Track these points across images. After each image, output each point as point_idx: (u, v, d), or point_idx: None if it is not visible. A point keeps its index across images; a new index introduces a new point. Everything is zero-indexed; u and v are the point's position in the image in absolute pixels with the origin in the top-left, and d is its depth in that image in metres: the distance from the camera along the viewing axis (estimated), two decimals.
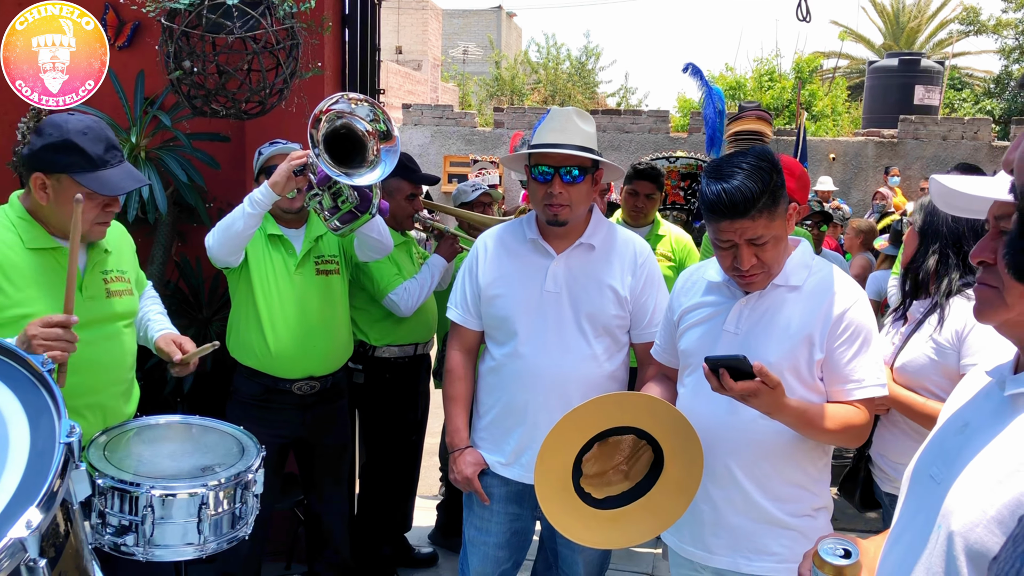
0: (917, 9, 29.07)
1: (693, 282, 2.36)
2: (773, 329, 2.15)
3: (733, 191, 2.02)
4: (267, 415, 3.29)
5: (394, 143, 2.97)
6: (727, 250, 2.11)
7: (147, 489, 2.17)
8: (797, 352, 2.13)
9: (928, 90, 16.27)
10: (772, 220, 2.07)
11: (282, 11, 3.23)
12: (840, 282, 2.20)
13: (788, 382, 2.09)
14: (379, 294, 3.66)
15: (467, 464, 2.68)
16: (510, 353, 2.63)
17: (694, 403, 2.23)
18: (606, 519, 2.16)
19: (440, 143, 16.16)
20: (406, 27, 27.48)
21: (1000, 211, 1.26)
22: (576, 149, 2.50)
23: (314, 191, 3.10)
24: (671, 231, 4.43)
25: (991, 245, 1.27)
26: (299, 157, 3.00)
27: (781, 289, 2.18)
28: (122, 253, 2.73)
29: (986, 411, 1.31)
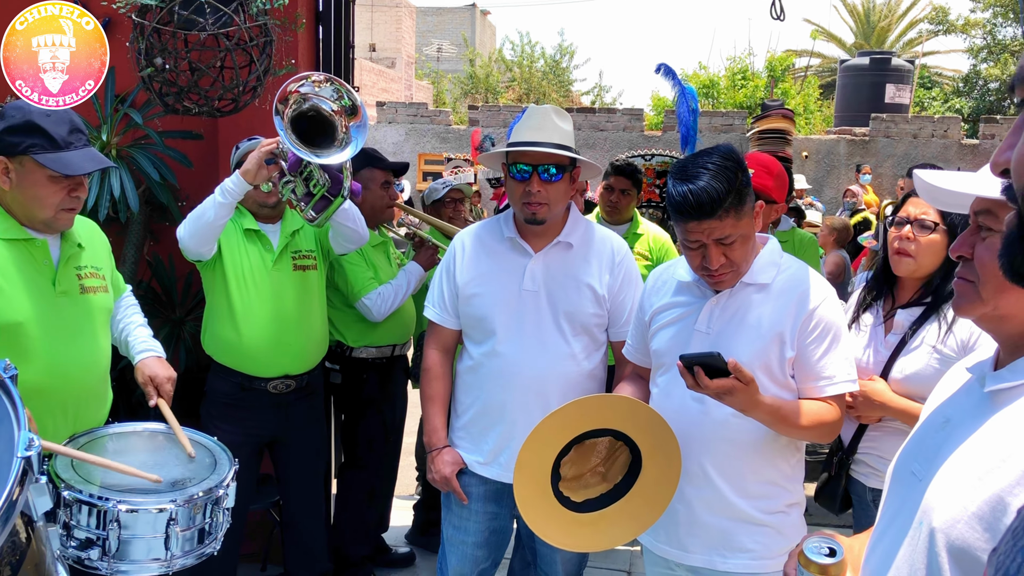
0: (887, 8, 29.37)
1: (663, 282, 2.37)
2: (744, 328, 2.17)
3: (699, 192, 2.03)
4: (242, 414, 3.26)
5: (360, 117, 2.93)
6: (696, 250, 2.12)
7: (114, 504, 2.09)
8: (768, 350, 2.15)
9: (899, 89, 16.44)
10: (739, 219, 2.08)
11: (255, 8, 3.19)
12: (809, 280, 2.22)
13: (760, 380, 2.09)
14: (352, 297, 3.64)
15: (445, 464, 2.67)
16: (488, 352, 2.62)
17: (667, 403, 2.24)
18: (586, 522, 2.16)
19: (415, 141, 16.11)
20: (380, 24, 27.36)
21: (980, 207, 1.28)
22: (554, 147, 2.50)
23: (286, 178, 3.07)
24: (649, 229, 4.43)
25: (970, 240, 1.29)
26: (269, 144, 2.97)
27: (750, 288, 2.19)
28: (96, 249, 2.69)
29: (967, 407, 1.32)
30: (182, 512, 2.16)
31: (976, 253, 1.28)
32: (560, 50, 27.88)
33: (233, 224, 3.23)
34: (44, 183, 2.38)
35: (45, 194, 2.40)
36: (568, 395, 2.57)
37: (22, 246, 2.44)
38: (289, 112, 2.85)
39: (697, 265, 2.15)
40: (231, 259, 3.21)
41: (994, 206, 1.25)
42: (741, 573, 2.19)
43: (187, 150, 3.71)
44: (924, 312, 2.48)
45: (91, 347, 2.56)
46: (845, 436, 2.64)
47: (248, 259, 3.24)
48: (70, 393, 2.48)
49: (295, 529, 3.52)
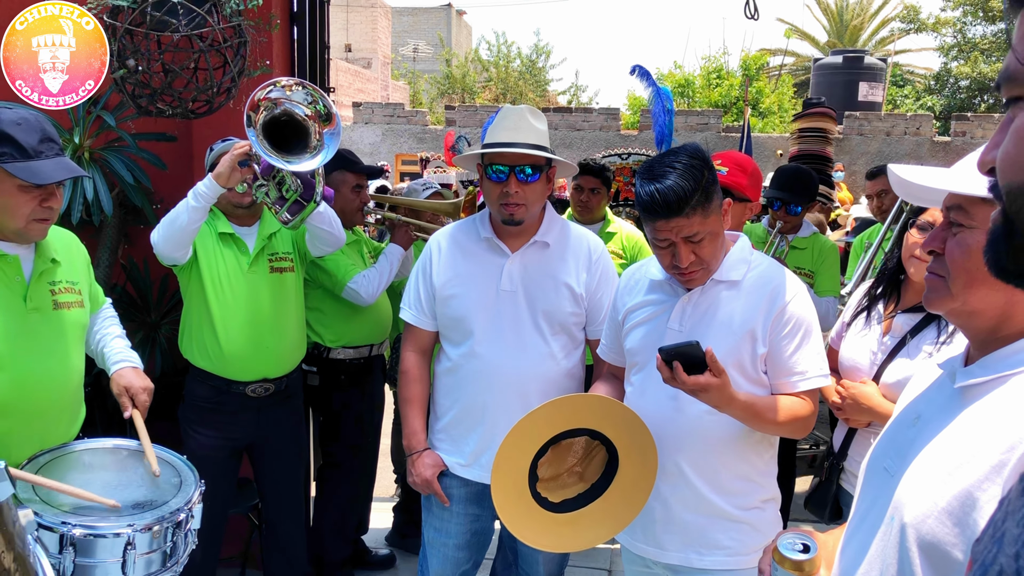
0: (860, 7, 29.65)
1: (636, 281, 2.38)
2: (716, 325, 2.18)
3: (666, 191, 2.05)
4: (220, 418, 3.24)
5: (335, 124, 2.91)
6: (665, 249, 2.14)
7: (69, 528, 2.03)
8: (741, 347, 2.16)
9: (872, 87, 16.61)
10: (707, 217, 2.10)
11: (229, 9, 3.17)
12: (779, 275, 2.24)
13: (733, 377, 2.10)
14: (338, 286, 3.62)
15: (426, 466, 2.66)
16: (467, 353, 2.62)
17: (641, 401, 2.24)
18: (564, 522, 2.16)
19: (391, 141, 16.08)
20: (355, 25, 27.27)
21: (952, 202, 1.30)
22: (530, 148, 2.50)
23: (260, 182, 3.04)
24: (622, 228, 4.44)
25: (941, 235, 1.31)
26: (242, 147, 2.95)
27: (721, 285, 2.21)
28: (73, 263, 2.63)
29: (937, 403, 1.33)
30: (140, 537, 2.09)
31: (947, 248, 1.29)
32: (536, 50, 27.96)
33: (208, 227, 3.20)
34: (14, 193, 2.31)
35: (15, 204, 2.33)
36: (548, 394, 2.58)
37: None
38: (261, 119, 2.83)
39: (668, 264, 2.16)
40: (207, 263, 3.19)
41: (965, 202, 1.27)
42: (718, 570, 2.21)
43: (161, 152, 3.68)
44: (925, 318, 2.44)
45: (62, 363, 2.50)
46: (836, 441, 2.62)
47: (224, 262, 3.21)
48: (37, 409, 2.41)
49: (274, 532, 3.51)
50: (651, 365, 2.25)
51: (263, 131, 2.82)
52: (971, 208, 1.26)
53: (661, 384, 2.20)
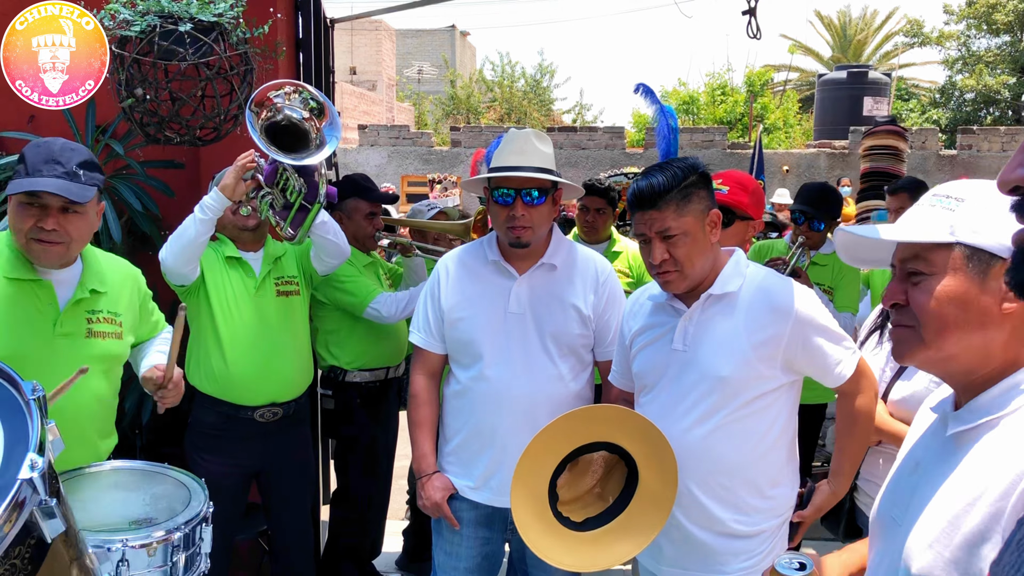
0: (863, 22, 29.76)
1: (640, 305, 2.41)
2: (719, 342, 2.19)
3: (644, 184, 2.16)
4: (228, 445, 3.24)
5: (329, 116, 2.96)
6: (644, 245, 2.21)
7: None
8: (749, 360, 2.17)
9: (876, 101, 16.64)
10: (681, 215, 2.14)
11: (235, 37, 3.20)
12: (779, 284, 2.26)
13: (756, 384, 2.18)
14: (359, 307, 3.63)
15: (436, 489, 2.66)
16: (476, 376, 2.62)
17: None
18: (587, 541, 2.15)
19: (397, 163, 16.15)
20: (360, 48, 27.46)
21: (908, 253, 1.31)
22: (536, 171, 2.51)
23: (264, 191, 3.07)
24: (628, 247, 4.44)
25: (901, 287, 1.31)
26: (245, 157, 2.98)
27: (718, 300, 2.22)
28: (120, 295, 2.63)
29: (934, 450, 1.34)
30: (133, 554, 2.04)
31: (912, 298, 1.29)
32: (540, 70, 28.09)
33: (214, 252, 3.23)
34: (15, 210, 2.38)
35: (15, 221, 2.39)
36: (556, 416, 2.58)
37: (27, 286, 2.43)
38: (262, 121, 2.87)
39: (647, 263, 2.22)
40: (214, 286, 3.20)
41: (922, 250, 1.28)
42: None
43: (169, 179, 3.71)
44: None
45: (86, 395, 2.48)
46: None
47: (231, 286, 3.23)
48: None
49: (284, 558, 3.49)
50: (659, 386, 2.27)
51: (265, 133, 2.86)
52: (929, 255, 1.28)
53: (667, 406, 2.22)
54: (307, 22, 4.12)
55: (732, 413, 2.18)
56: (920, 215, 1.32)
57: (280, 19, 3.65)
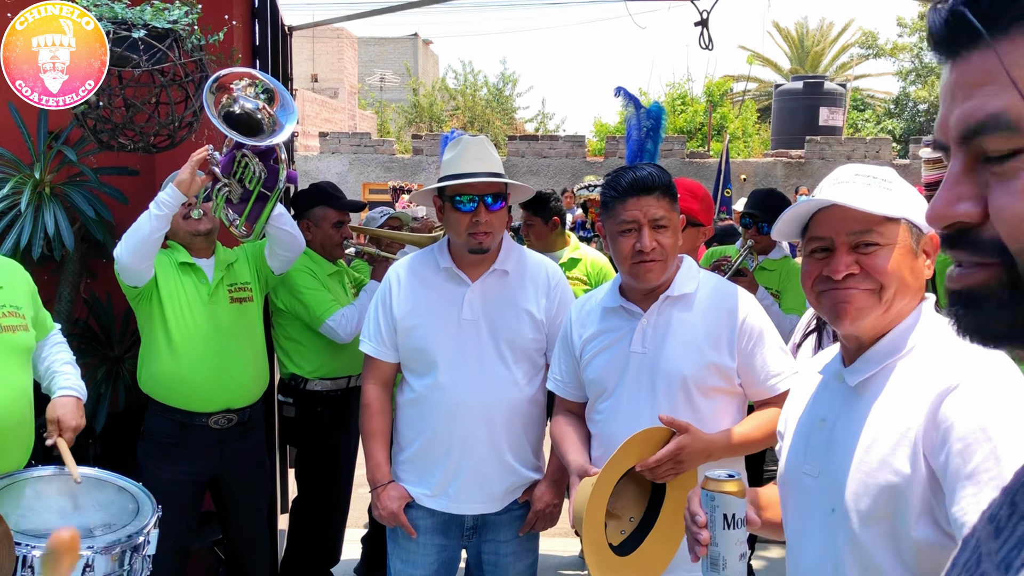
0: (820, 33, 30.23)
1: (587, 312, 2.43)
2: (679, 343, 2.24)
3: (644, 174, 2.22)
4: (182, 453, 3.21)
5: (280, 99, 3.01)
6: (630, 233, 2.22)
7: (28, 550, 2.03)
8: (709, 359, 2.23)
9: (832, 111, 16.92)
10: (671, 210, 2.24)
11: (190, 44, 3.20)
12: (731, 290, 2.34)
13: (714, 383, 2.23)
14: (316, 322, 3.62)
15: (391, 499, 2.66)
16: (431, 384, 2.62)
17: (613, 427, 2.28)
18: (629, 564, 2.11)
19: (359, 171, 16.09)
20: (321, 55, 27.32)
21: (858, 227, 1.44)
22: (495, 176, 2.55)
23: (221, 183, 3.07)
24: (587, 254, 4.45)
25: (851, 259, 1.44)
26: (201, 152, 2.98)
27: (676, 302, 2.28)
28: (16, 288, 2.64)
29: (836, 405, 1.48)
30: (99, 559, 2.09)
31: (870, 265, 1.43)
32: (503, 79, 28.16)
33: (167, 258, 3.21)
34: None
35: None
36: (513, 421, 2.61)
37: None
38: (219, 108, 2.90)
39: (629, 250, 2.21)
40: (167, 292, 3.18)
41: (876, 224, 1.43)
42: None
43: (123, 186, 3.68)
44: None
45: (7, 387, 2.49)
46: None
47: (184, 292, 3.21)
48: None
49: (239, 566, 3.48)
50: (619, 391, 2.30)
51: (224, 120, 2.89)
52: (882, 228, 1.43)
53: (631, 409, 2.25)
54: (264, 30, 4.12)
55: (696, 412, 2.23)
56: (866, 192, 1.45)
57: (236, 26, 3.65)
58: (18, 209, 3.42)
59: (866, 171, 1.52)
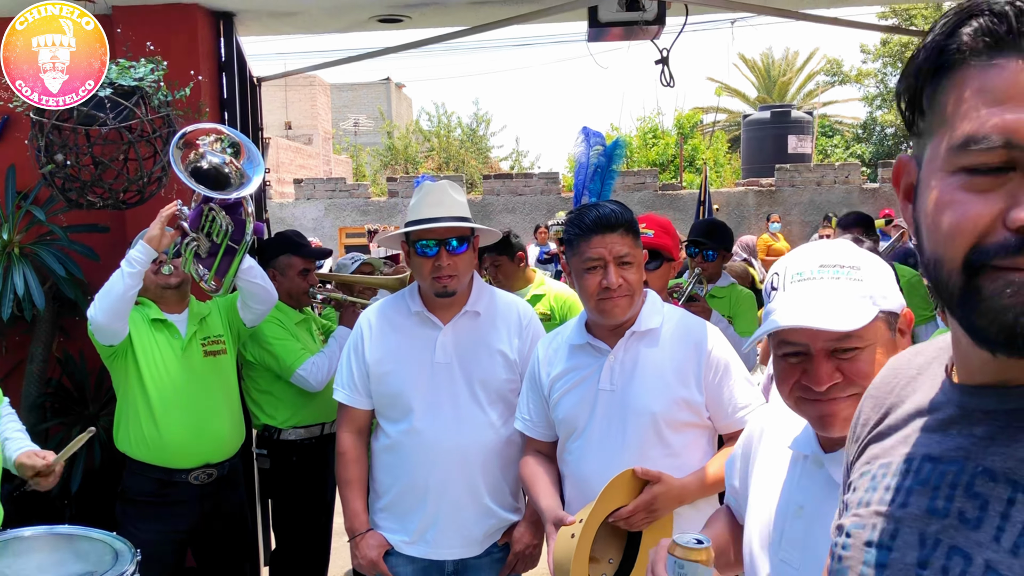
0: (786, 63, 30.69)
1: (555, 350, 2.43)
2: (647, 378, 2.26)
3: (607, 211, 2.24)
4: (162, 511, 3.17)
5: (246, 152, 3.05)
6: (595, 270, 2.23)
7: None
8: (677, 394, 2.25)
9: (800, 139, 17.13)
10: (635, 247, 2.27)
11: (156, 100, 3.23)
12: (695, 324, 2.37)
13: (683, 418, 2.24)
14: (286, 372, 3.60)
15: (371, 547, 2.65)
16: (407, 430, 2.61)
17: (584, 466, 2.29)
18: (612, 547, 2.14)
19: (335, 215, 16.11)
20: (294, 103, 27.44)
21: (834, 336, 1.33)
22: (456, 220, 2.56)
23: (189, 237, 3.08)
24: (551, 288, 4.43)
25: (831, 367, 1.35)
26: (170, 208, 2.99)
27: (642, 338, 2.30)
28: None
29: (814, 492, 1.41)
30: None
31: (852, 372, 1.34)
32: (476, 119, 28.35)
33: (139, 315, 3.19)
34: None
35: None
36: (490, 463, 2.60)
37: None
38: (186, 164, 2.93)
39: (595, 287, 2.23)
40: (142, 349, 3.17)
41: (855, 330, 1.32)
42: None
43: (93, 243, 3.68)
44: None
45: None
46: None
47: (158, 348, 3.20)
48: None
49: None
50: (588, 430, 2.30)
51: (191, 175, 2.91)
52: (860, 332, 1.33)
53: (602, 447, 2.25)
54: (232, 82, 4.16)
55: (667, 447, 2.24)
56: (838, 296, 1.35)
57: (203, 81, 3.68)
58: None
59: (832, 259, 1.39)
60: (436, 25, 4.69)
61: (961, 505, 0.76)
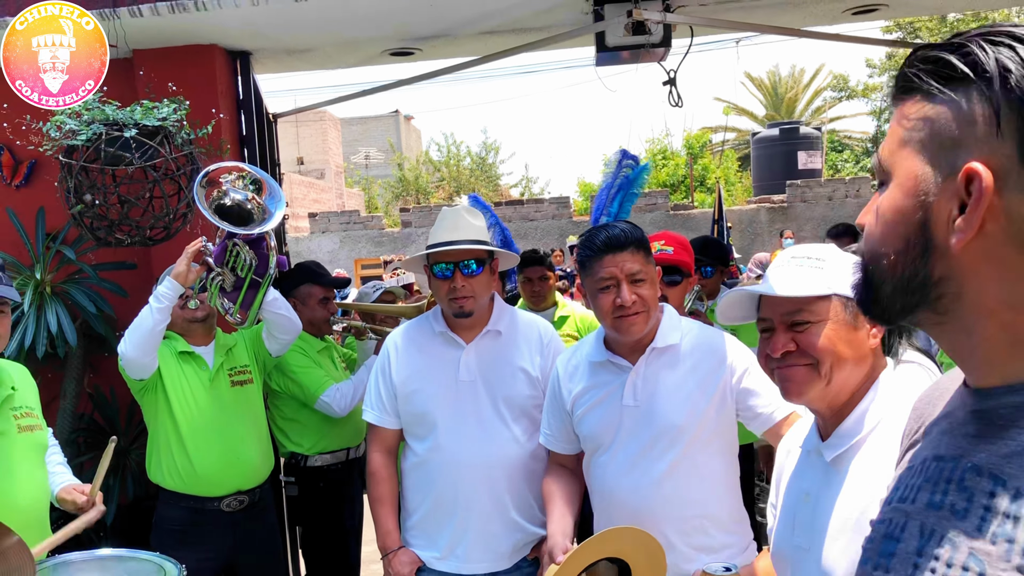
0: (792, 80, 30.82)
1: (575, 367, 2.48)
2: (671, 394, 2.30)
3: (616, 231, 2.30)
4: (196, 539, 3.24)
5: (267, 189, 3.13)
6: (609, 289, 2.28)
7: None
8: (701, 408, 2.29)
9: (810, 155, 17.19)
10: (647, 264, 2.31)
11: (180, 139, 3.33)
12: (713, 335, 2.43)
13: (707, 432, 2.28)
14: (310, 399, 3.68)
15: (403, 564, 2.70)
16: (433, 447, 2.68)
17: (610, 480, 2.34)
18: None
19: (349, 248, 16.25)
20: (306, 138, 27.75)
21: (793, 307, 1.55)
22: (470, 243, 2.64)
23: (214, 272, 3.17)
24: (575, 311, 4.58)
25: (787, 337, 1.55)
26: (196, 244, 3.08)
27: (664, 353, 2.34)
28: (27, 390, 2.72)
29: (818, 479, 1.57)
30: None
31: (803, 342, 1.54)
32: (485, 147, 28.57)
33: (167, 348, 3.28)
34: None
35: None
36: (515, 478, 2.65)
37: None
38: (210, 201, 3.02)
39: (610, 306, 2.27)
40: (171, 382, 3.25)
41: (805, 304, 1.55)
42: None
43: (121, 280, 3.78)
44: None
45: (33, 485, 2.56)
46: None
47: (187, 380, 3.28)
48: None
49: None
50: (615, 444, 2.35)
51: (215, 212, 2.99)
52: (812, 307, 1.55)
53: (628, 462, 2.30)
54: (250, 119, 4.27)
55: (693, 459, 2.28)
56: (795, 275, 1.58)
57: (223, 119, 3.79)
58: (21, 310, 3.50)
59: (803, 252, 1.64)
60: (445, 56, 4.79)
61: (953, 498, 0.83)
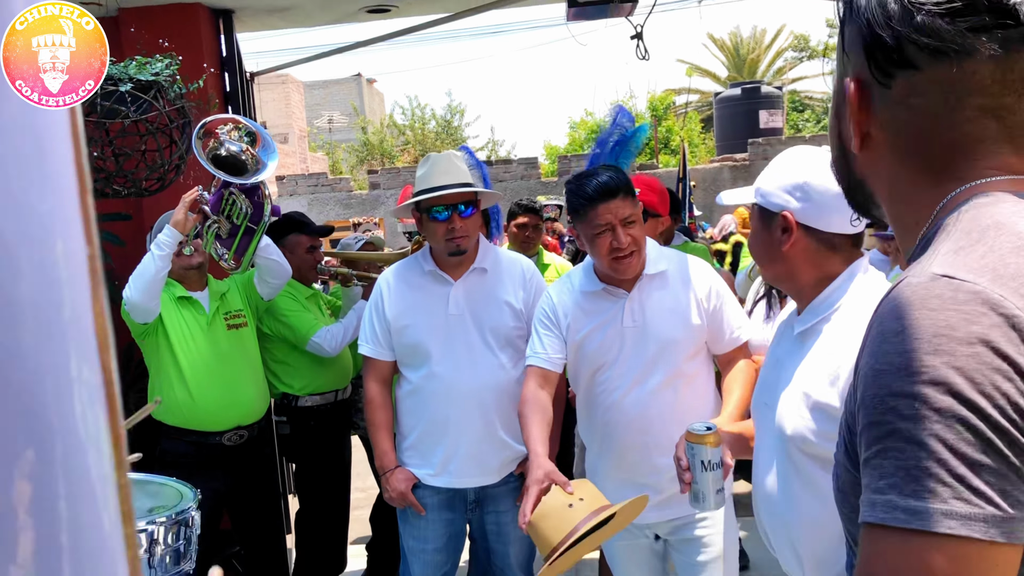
0: (754, 41, 31.04)
1: (568, 295, 2.63)
2: (665, 312, 2.55)
3: (607, 179, 2.47)
4: (198, 472, 3.41)
5: (262, 140, 3.31)
6: (604, 234, 2.47)
7: None
8: (692, 324, 2.56)
9: (771, 114, 17.48)
10: (635, 206, 2.51)
11: (172, 93, 3.47)
12: (695, 262, 2.67)
13: (695, 346, 2.55)
14: (302, 340, 3.88)
15: (400, 480, 2.94)
16: (426, 375, 2.91)
17: (615, 393, 2.56)
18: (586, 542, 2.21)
19: (318, 210, 16.30)
20: (268, 102, 27.51)
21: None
22: (464, 187, 2.85)
23: (211, 220, 3.34)
24: (555, 260, 4.84)
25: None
26: (192, 193, 3.25)
27: (654, 279, 2.58)
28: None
29: (786, 348, 1.82)
30: (161, 532, 2.38)
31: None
32: (450, 110, 28.51)
33: (166, 294, 3.44)
34: None
35: None
36: (503, 401, 2.89)
37: None
38: (207, 151, 3.18)
39: (607, 249, 2.47)
40: (171, 325, 3.43)
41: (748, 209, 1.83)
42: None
43: (117, 230, 3.92)
44: None
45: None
46: None
47: (185, 323, 3.46)
48: None
49: None
50: (619, 361, 2.56)
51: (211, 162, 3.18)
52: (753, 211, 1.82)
53: (629, 375, 2.53)
54: (233, 77, 4.41)
55: (686, 370, 2.55)
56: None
57: (212, 73, 3.93)
58: None
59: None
60: (421, 13, 4.95)
61: None
